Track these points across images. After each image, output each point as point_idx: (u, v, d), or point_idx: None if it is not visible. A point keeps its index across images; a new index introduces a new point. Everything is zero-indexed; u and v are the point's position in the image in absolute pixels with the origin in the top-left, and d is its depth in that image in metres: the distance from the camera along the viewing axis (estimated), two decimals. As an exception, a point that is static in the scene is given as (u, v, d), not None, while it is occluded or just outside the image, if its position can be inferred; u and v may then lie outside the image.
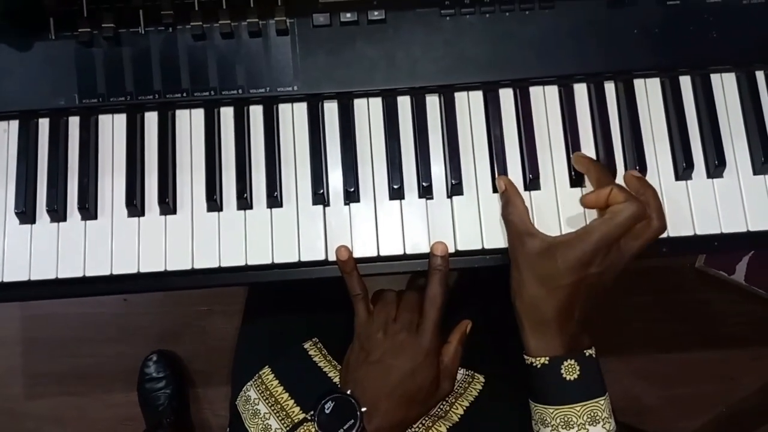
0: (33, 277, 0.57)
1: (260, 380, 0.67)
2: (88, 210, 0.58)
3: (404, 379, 0.55)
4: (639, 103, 0.60)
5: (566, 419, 0.51)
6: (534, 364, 0.53)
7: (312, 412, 0.54)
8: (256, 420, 0.64)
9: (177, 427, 1.30)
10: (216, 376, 1.36)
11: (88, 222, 0.58)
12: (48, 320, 1.40)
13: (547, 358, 0.52)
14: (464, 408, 0.63)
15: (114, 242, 0.58)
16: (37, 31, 0.59)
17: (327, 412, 0.54)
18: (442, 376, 0.57)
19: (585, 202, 0.56)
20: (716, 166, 0.58)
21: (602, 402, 0.52)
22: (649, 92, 0.61)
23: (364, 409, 0.54)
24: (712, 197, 0.59)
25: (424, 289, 0.57)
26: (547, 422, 0.52)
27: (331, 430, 0.53)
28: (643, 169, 0.58)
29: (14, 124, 0.60)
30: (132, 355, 1.37)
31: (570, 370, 0.52)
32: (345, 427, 0.53)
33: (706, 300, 1.39)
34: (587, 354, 0.52)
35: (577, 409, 0.51)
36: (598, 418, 0.51)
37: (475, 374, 0.69)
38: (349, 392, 0.55)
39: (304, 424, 0.55)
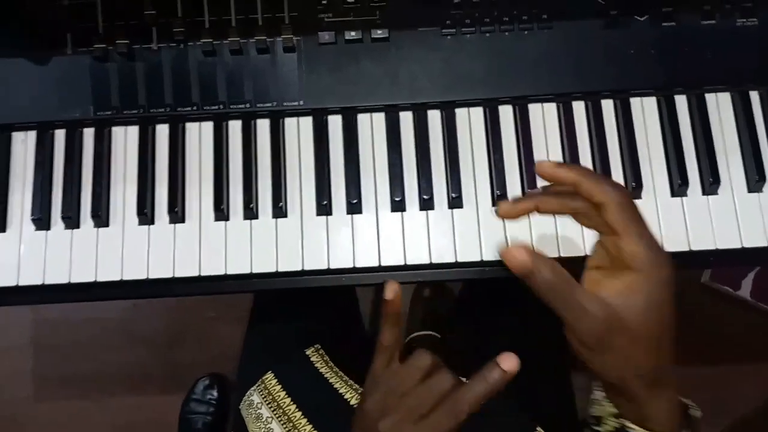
0: (47, 281, 0.59)
1: (263, 385, 0.69)
2: (101, 217, 0.60)
3: None
4: (635, 121, 0.62)
5: None
6: None
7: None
8: (259, 424, 0.65)
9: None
10: (223, 383, 1.37)
11: (100, 229, 0.60)
12: (56, 325, 1.42)
13: None
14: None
15: (125, 249, 0.60)
16: (55, 47, 0.61)
17: None
18: None
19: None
20: (711, 183, 0.60)
21: None
22: (645, 110, 0.62)
23: None
24: (706, 214, 0.60)
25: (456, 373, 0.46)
26: None
27: None
28: (639, 186, 0.60)
29: (32, 135, 0.62)
30: (138, 361, 1.39)
31: None
32: None
33: (711, 315, 1.39)
34: (696, 416, 0.46)
35: None
36: None
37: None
38: None
39: None
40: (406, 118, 0.62)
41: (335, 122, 0.62)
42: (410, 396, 0.45)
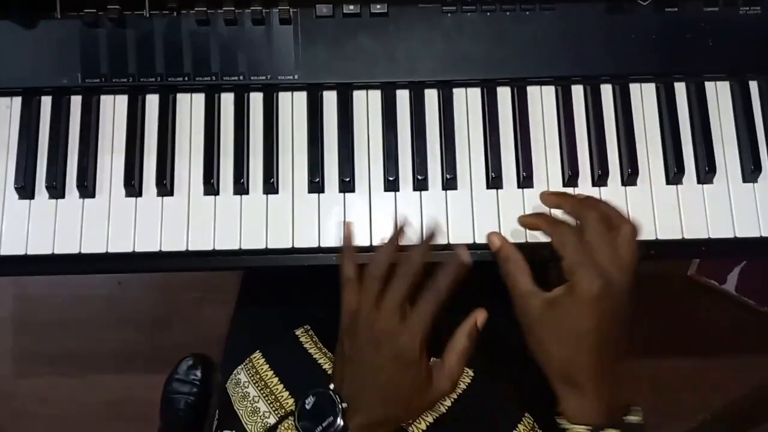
0: (29, 252, 0.58)
1: (251, 364, 0.68)
2: (87, 188, 0.58)
3: (382, 375, 0.49)
4: (634, 107, 0.61)
5: None
6: None
7: (294, 407, 0.54)
8: (245, 403, 0.65)
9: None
10: (208, 364, 1.36)
11: (86, 200, 0.59)
12: (40, 302, 1.40)
13: (588, 428, 0.48)
14: (452, 400, 0.64)
15: (111, 221, 0.58)
16: (43, 11, 0.59)
17: (308, 408, 0.51)
18: (441, 374, 0.51)
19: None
20: (706, 172, 0.59)
21: None
22: (644, 97, 0.62)
23: (344, 405, 0.50)
24: (701, 202, 0.60)
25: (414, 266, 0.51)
26: None
27: (311, 426, 0.50)
28: (635, 172, 0.59)
29: (17, 101, 0.60)
30: (123, 339, 1.38)
31: None
32: (324, 425, 0.50)
33: (696, 308, 1.41)
34: (632, 421, 0.49)
35: None
36: None
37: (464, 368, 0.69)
38: (331, 387, 0.52)
39: (284, 421, 0.55)
40: (403, 97, 0.61)
41: (330, 98, 0.61)
42: (384, 301, 0.50)
